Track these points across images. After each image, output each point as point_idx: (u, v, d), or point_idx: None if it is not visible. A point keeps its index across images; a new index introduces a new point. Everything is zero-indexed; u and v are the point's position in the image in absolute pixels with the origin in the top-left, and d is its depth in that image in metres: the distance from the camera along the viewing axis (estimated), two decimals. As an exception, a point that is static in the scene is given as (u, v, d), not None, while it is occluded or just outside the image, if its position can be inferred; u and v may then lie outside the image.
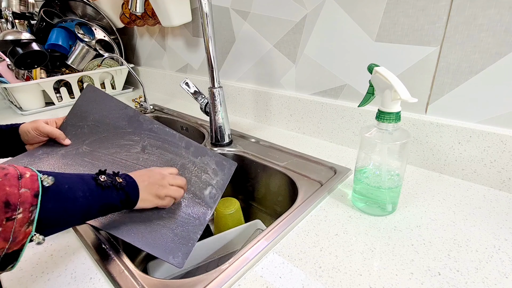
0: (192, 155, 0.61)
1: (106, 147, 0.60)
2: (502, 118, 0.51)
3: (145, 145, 0.61)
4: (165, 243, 0.47)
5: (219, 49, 0.96)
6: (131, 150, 0.60)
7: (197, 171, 0.59)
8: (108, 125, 0.63)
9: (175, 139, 0.63)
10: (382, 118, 0.43)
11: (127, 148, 0.60)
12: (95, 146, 0.60)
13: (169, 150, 0.61)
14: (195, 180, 0.58)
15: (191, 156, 0.61)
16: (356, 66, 0.66)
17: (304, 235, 0.45)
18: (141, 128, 0.63)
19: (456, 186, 0.55)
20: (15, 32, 0.99)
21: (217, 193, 0.58)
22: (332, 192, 0.56)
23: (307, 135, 0.80)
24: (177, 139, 0.63)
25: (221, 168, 0.61)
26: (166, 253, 0.45)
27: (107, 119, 0.63)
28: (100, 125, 0.63)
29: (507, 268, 0.38)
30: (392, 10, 0.57)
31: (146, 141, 0.62)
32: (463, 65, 0.52)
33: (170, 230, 0.49)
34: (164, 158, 0.60)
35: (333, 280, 0.38)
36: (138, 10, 0.80)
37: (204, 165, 0.61)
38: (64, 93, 1.22)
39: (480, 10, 0.48)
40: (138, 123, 0.64)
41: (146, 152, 0.60)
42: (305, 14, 0.70)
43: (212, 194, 0.57)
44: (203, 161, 0.61)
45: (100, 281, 0.40)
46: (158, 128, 0.64)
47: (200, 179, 0.58)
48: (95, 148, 0.59)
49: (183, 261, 0.46)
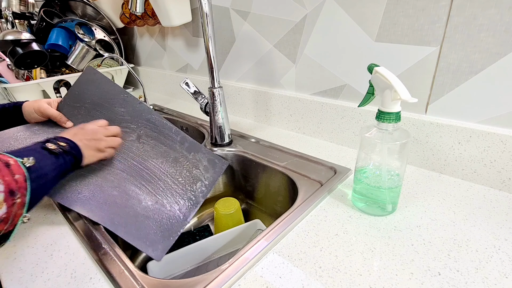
0: (186, 150, 0.62)
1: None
2: (502, 118, 0.51)
3: (141, 134, 0.61)
4: (147, 234, 0.48)
5: (219, 49, 0.96)
6: (126, 138, 0.60)
7: (189, 165, 0.60)
8: (106, 109, 0.62)
9: (171, 133, 0.63)
10: (382, 118, 0.43)
11: (122, 135, 0.60)
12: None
13: (163, 143, 0.62)
14: (186, 174, 0.58)
15: (184, 151, 0.62)
16: (356, 66, 0.66)
17: (304, 235, 0.45)
18: (139, 117, 0.63)
19: (456, 186, 0.55)
20: (15, 32, 0.99)
21: (206, 189, 0.58)
22: (332, 192, 0.55)
23: (307, 135, 0.80)
24: (173, 133, 0.63)
25: (212, 166, 0.62)
26: (147, 245, 0.46)
27: (105, 103, 0.63)
28: (98, 108, 0.62)
29: (507, 268, 0.38)
30: (392, 10, 0.57)
31: (142, 131, 0.62)
32: (463, 65, 0.52)
33: (154, 221, 0.50)
34: (158, 149, 0.61)
35: (333, 280, 0.38)
36: (138, 10, 0.80)
37: (196, 161, 0.61)
38: (64, 93, 1.22)
39: (480, 10, 0.48)
40: (136, 111, 0.63)
41: (140, 142, 0.60)
42: (305, 14, 0.70)
43: (201, 189, 0.58)
44: (196, 157, 0.62)
45: (100, 281, 0.40)
46: (156, 119, 0.63)
47: (191, 173, 0.59)
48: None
49: (161, 254, 0.47)
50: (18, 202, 0.34)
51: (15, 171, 0.35)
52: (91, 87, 0.63)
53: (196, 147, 0.63)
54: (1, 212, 0.32)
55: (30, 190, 0.36)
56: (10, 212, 0.33)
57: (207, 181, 0.59)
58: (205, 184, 0.58)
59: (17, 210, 0.34)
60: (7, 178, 0.33)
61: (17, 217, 0.35)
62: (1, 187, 0.32)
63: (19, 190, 0.34)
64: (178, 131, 0.64)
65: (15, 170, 0.35)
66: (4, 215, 0.32)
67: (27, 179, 0.36)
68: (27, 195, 0.35)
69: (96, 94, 0.63)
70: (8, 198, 0.33)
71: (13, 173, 0.34)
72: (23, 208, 0.35)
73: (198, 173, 0.59)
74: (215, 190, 0.81)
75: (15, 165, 0.35)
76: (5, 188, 0.33)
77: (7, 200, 0.33)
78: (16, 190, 0.34)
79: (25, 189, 0.35)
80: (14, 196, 0.33)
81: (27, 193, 0.35)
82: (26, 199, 0.35)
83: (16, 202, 0.34)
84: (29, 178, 0.37)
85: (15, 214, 0.34)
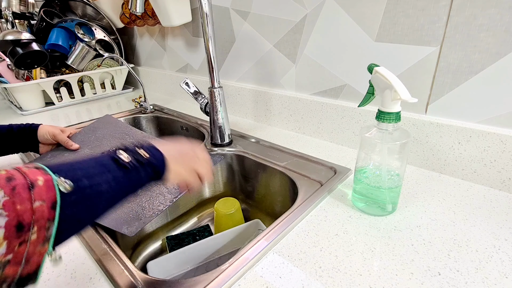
0: None
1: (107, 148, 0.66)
2: (502, 118, 0.51)
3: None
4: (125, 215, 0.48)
5: (219, 49, 0.96)
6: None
7: None
8: (113, 137, 0.72)
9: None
10: (382, 118, 0.43)
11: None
12: (96, 149, 0.67)
13: None
14: None
15: None
16: (356, 66, 0.66)
17: (304, 235, 0.45)
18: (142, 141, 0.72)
19: (456, 186, 0.55)
20: (15, 32, 0.99)
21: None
22: (332, 192, 0.55)
23: (307, 135, 0.80)
24: None
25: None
26: (121, 223, 0.46)
27: (115, 133, 0.73)
28: (107, 137, 0.72)
29: (507, 268, 0.38)
30: (392, 10, 0.57)
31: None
32: (463, 65, 0.52)
33: (138, 205, 0.50)
34: None
35: (333, 280, 0.38)
36: (138, 10, 0.80)
37: None
38: (64, 93, 1.22)
39: (480, 10, 0.48)
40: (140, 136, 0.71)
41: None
42: (305, 14, 0.70)
43: None
44: None
45: (100, 281, 0.40)
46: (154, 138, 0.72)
47: None
48: (96, 150, 0.67)
49: (136, 230, 0.47)
50: (33, 239, 0.25)
51: (38, 196, 0.26)
52: (104, 125, 0.75)
53: None
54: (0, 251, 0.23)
55: (58, 220, 0.27)
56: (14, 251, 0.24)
57: None
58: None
59: (34, 248, 0.25)
60: (19, 207, 0.25)
61: (35, 256, 0.25)
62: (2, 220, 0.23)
63: (37, 223, 0.25)
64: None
65: (39, 193, 0.26)
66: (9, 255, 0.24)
67: (57, 205, 0.27)
68: (51, 227, 0.26)
69: (108, 128, 0.74)
70: (13, 234, 0.24)
71: (32, 199, 0.26)
72: (47, 243, 0.26)
73: None
74: (215, 190, 0.81)
75: (43, 186, 0.26)
76: (9, 221, 0.24)
77: (9, 237, 0.24)
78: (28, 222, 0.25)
79: (49, 219, 0.26)
80: (21, 231, 0.24)
81: (54, 224, 0.26)
82: (50, 233, 0.26)
83: (29, 238, 0.25)
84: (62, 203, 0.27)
85: (30, 253, 0.25)
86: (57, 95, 1.21)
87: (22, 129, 0.64)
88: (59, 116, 1.11)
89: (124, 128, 0.74)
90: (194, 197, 0.78)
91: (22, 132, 0.63)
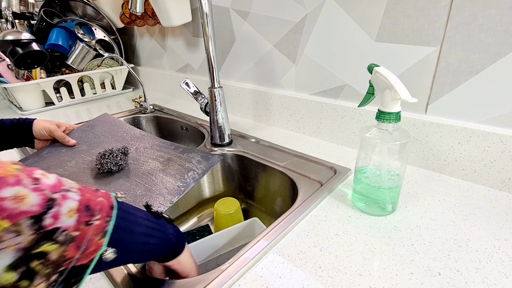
0: (180, 152, 0.65)
1: (103, 147, 0.66)
2: (502, 118, 0.51)
3: (138, 147, 0.67)
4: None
5: (219, 49, 0.96)
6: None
7: (182, 161, 0.62)
8: (112, 135, 0.71)
9: (166, 144, 0.68)
10: (382, 118, 0.43)
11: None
12: (93, 146, 0.67)
13: (158, 150, 0.66)
14: (178, 167, 0.60)
15: (178, 153, 0.65)
16: (356, 66, 0.66)
17: (304, 235, 0.45)
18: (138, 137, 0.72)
19: (456, 186, 0.55)
20: (15, 32, 0.99)
21: (198, 176, 0.59)
22: (332, 192, 0.56)
23: (307, 135, 0.80)
24: (168, 144, 0.68)
25: (205, 160, 0.63)
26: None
27: (114, 132, 0.73)
28: (105, 134, 0.72)
29: (507, 268, 0.38)
30: (392, 10, 0.57)
31: (141, 145, 0.68)
32: (463, 65, 0.52)
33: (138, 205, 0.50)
34: (153, 155, 0.64)
35: (333, 280, 0.38)
36: (138, 10, 0.80)
37: (189, 158, 0.63)
38: (64, 93, 1.22)
39: (480, 10, 0.48)
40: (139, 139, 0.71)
41: (138, 152, 0.66)
42: (305, 14, 0.70)
43: (193, 176, 0.59)
44: (189, 155, 0.64)
45: (100, 281, 0.40)
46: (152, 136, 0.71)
47: (183, 166, 0.61)
48: (93, 147, 0.66)
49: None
50: (96, 224, 0.27)
51: (101, 195, 0.30)
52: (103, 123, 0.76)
53: (189, 150, 0.65)
54: (70, 222, 0.25)
55: (115, 219, 0.29)
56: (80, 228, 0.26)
57: (200, 170, 0.60)
58: (198, 172, 0.59)
59: (94, 236, 0.27)
60: (88, 194, 0.28)
61: (93, 246, 0.26)
62: (75, 195, 0.27)
63: (100, 212, 0.28)
64: (173, 143, 0.68)
65: (101, 194, 0.30)
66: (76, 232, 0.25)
67: (114, 207, 0.30)
68: (110, 223, 0.28)
69: (105, 126, 0.74)
70: (83, 211, 0.26)
71: (97, 195, 0.29)
72: (104, 238, 0.27)
73: (191, 165, 0.61)
74: (215, 190, 0.81)
75: (103, 193, 0.30)
76: (82, 199, 0.27)
77: (80, 211, 0.26)
78: (94, 208, 0.28)
79: (108, 214, 0.29)
80: (89, 212, 0.27)
81: (111, 220, 0.29)
82: (108, 227, 0.28)
83: (93, 222, 0.27)
84: (117, 208, 0.30)
85: (91, 240, 0.26)
86: (57, 95, 1.21)
87: (15, 125, 0.62)
88: (59, 116, 1.11)
89: (122, 127, 0.74)
90: (194, 197, 0.78)
91: (15, 127, 0.62)
